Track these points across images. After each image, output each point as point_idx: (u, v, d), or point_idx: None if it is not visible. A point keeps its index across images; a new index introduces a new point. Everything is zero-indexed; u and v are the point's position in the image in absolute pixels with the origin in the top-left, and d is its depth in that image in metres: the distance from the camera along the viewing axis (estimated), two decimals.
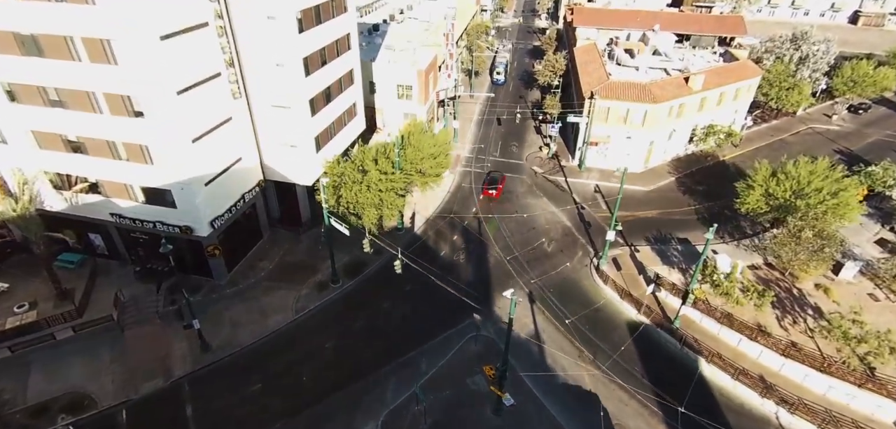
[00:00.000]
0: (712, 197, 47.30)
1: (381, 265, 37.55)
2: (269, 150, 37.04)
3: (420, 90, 52.25)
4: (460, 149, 55.35)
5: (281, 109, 34.73)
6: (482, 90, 73.40)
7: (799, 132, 62.69)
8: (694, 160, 54.04)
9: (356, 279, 36.67)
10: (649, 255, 39.72)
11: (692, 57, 60.60)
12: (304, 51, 33.71)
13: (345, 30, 39.56)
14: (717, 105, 53.44)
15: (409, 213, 44.10)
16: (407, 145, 41.04)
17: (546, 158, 54.04)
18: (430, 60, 54.47)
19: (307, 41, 33.81)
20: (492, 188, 46.38)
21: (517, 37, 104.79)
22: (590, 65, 55.74)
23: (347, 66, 41.14)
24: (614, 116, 48.82)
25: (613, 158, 51.33)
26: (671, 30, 63.64)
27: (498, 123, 62.63)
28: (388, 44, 59.37)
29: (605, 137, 50.48)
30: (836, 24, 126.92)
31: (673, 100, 48.25)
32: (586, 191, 48.48)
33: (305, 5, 32.76)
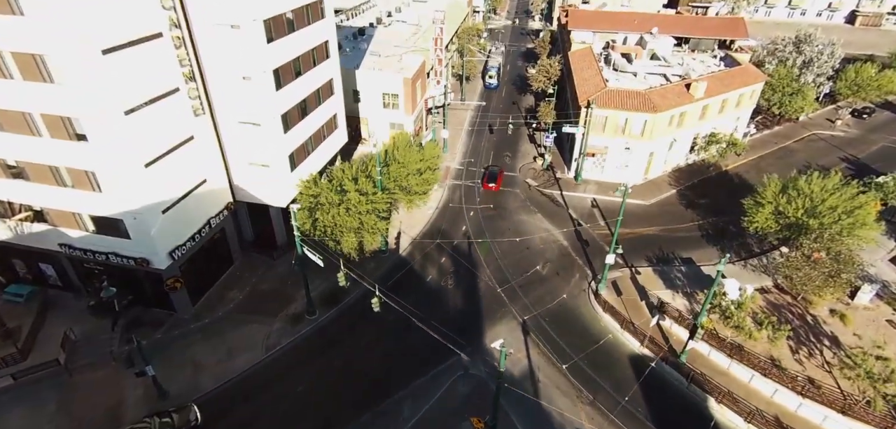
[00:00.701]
0: (716, 211, 44.67)
1: (362, 293, 34.54)
2: (239, 169, 34.00)
3: (407, 99, 49.33)
4: (450, 160, 52.45)
5: (250, 126, 31.68)
6: (474, 96, 70.58)
7: (803, 139, 60.25)
8: (696, 171, 51.43)
9: (334, 309, 33.70)
10: (651, 277, 36.99)
11: (692, 61, 57.97)
12: (275, 62, 30.70)
13: (322, 37, 36.58)
14: (719, 113, 50.86)
15: (394, 232, 41.18)
16: (391, 161, 38.13)
17: (541, 170, 51.26)
18: (418, 67, 51.56)
19: (277, 51, 30.79)
20: (492, 182, 46.96)
21: (510, 39, 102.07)
22: (585, 70, 53.00)
23: (326, 76, 38.15)
24: (612, 126, 46.09)
25: (611, 169, 48.62)
26: (670, 33, 61.04)
27: (490, 131, 59.79)
28: (373, 49, 56.42)
29: (602, 148, 47.73)
30: (833, 24, 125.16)
31: (674, 109, 45.58)
32: (583, 206, 45.71)
33: (274, 12, 29.75)
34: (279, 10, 30.20)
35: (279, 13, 30.39)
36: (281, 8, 30.32)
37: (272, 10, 29.47)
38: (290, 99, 33.08)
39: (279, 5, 30.10)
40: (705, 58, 59.76)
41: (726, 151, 49.47)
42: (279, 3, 30.08)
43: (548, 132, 49.49)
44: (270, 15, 29.41)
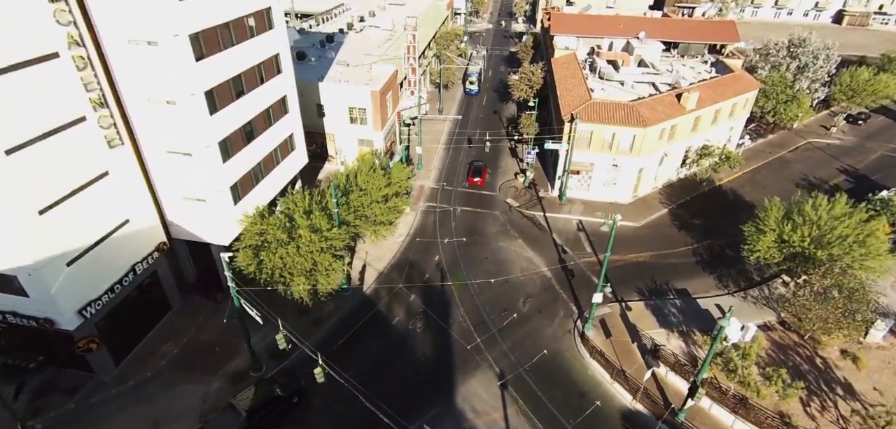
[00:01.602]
0: (711, 233, 41.21)
1: (320, 340, 30.40)
2: (173, 205, 29.54)
3: (376, 114, 45.14)
4: (424, 179, 48.35)
5: (182, 157, 27.26)
6: (453, 104, 66.57)
7: (798, 148, 57.26)
8: (688, 186, 47.96)
9: (286, 362, 29.39)
10: (643, 313, 33.29)
11: (682, 68, 54.60)
12: (207, 82, 26.35)
13: (271, 50, 32.25)
14: (711, 123, 47.45)
15: (358, 264, 36.99)
16: (352, 188, 33.94)
17: (522, 188, 47.39)
18: (389, 78, 47.39)
19: (210, 70, 26.44)
20: (477, 176, 47.13)
21: (493, 42, 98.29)
22: (569, 79, 49.26)
23: (277, 94, 33.83)
24: (598, 142, 42.37)
25: (598, 187, 44.92)
26: (657, 37, 57.63)
27: (469, 143, 55.79)
28: (342, 58, 52.14)
29: (587, 165, 44.00)
30: (820, 24, 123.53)
31: (664, 122, 42.00)
32: (568, 229, 41.92)
33: (203, 25, 25.39)
34: (210, 22, 25.83)
35: (211, 26, 26.00)
36: (212, 20, 25.95)
37: (200, 22, 25.10)
38: (229, 123, 28.71)
39: (209, 17, 25.74)
40: (695, 64, 56.47)
41: (720, 166, 46.01)
42: (209, 15, 25.72)
43: (529, 148, 45.62)
44: (198, 29, 25.04)
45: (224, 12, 26.94)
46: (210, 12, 25.82)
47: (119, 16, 23.13)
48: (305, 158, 39.61)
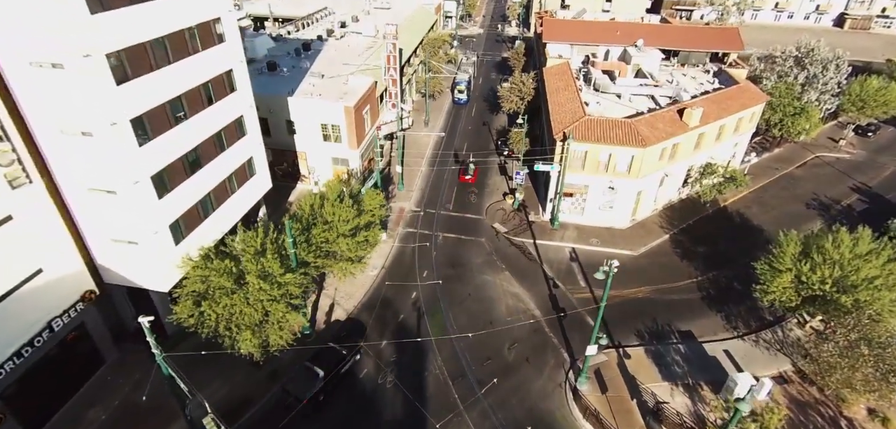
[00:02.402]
0: (717, 262, 37.58)
1: (276, 397, 26.57)
2: (103, 246, 25.61)
3: (351, 131, 41.30)
4: (405, 200, 44.52)
5: (106, 194, 23.36)
6: (440, 114, 62.78)
7: (806, 163, 53.74)
8: (690, 208, 44.28)
9: (236, 426, 25.49)
10: (643, 361, 29.58)
11: (682, 78, 51.00)
12: (133, 108, 22.48)
13: (221, 67, 28.40)
14: (715, 140, 43.78)
15: (325, 303, 33.13)
16: (316, 222, 30.08)
17: (511, 210, 43.61)
18: (366, 91, 43.57)
19: (138, 94, 22.57)
20: (467, 174, 47.32)
21: (485, 47, 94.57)
22: (562, 92, 45.53)
23: (231, 115, 29.96)
24: (593, 162, 38.65)
25: (593, 211, 41.18)
26: (656, 45, 53.98)
27: (455, 160, 52.01)
28: (318, 69, 48.32)
29: (581, 188, 40.28)
30: (821, 28, 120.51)
31: (665, 140, 38.30)
32: (560, 258, 38.17)
33: (126, 42, 21.50)
34: (135, 38, 21.95)
35: (137, 43, 22.11)
36: (138, 35, 22.06)
37: (121, 39, 21.23)
38: (166, 153, 24.84)
39: (135, 32, 21.86)
40: (697, 73, 52.87)
41: (725, 187, 42.34)
42: (134, 30, 21.83)
43: (518, 169, 41.81)
44: (119, 47, 21.15)
45: (155, 26, 23.07)
46: (135, 27, 21.95)
47: (15, 32, 19.21)
48: (268, 183, 35.73)
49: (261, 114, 40.74)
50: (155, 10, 22.86)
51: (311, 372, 25.97)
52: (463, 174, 47.64)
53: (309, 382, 25.67)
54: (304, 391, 25.19)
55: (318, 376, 25.89)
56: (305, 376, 25.95)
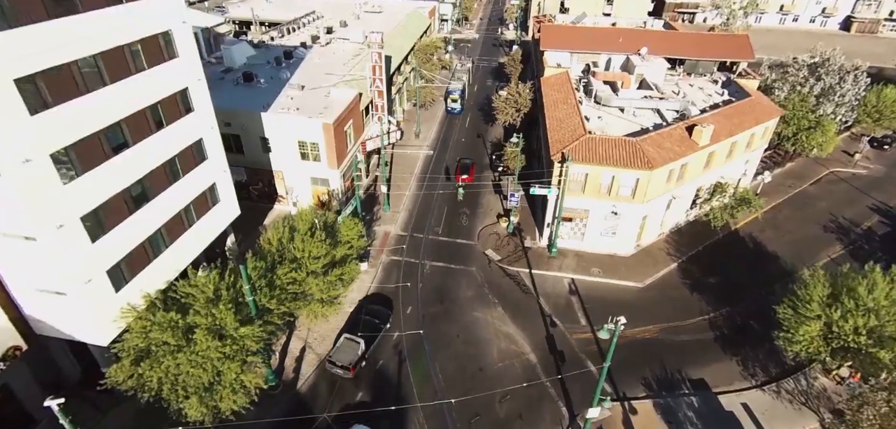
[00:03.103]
0: (731, 296, 34.26)
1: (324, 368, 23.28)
2: (31, 296, 22.19)
3: (330, 148, 37.91)
4: (390, 222, 41.12)
5: (25, 239, 19.94)
6: (433, 125, 59.37)
7: (820, 180, 50.43)
8: (699, 232, 40.92)
9: None
10: (651, 417, 26.28)
11: (689, 88, 47.69)
12: (54, 141, 19.11)
13: (173, 86, 25.00)
14: (726, 157, 40.44)
15: (296, 346, 29.74)
16: (285, 258, 26.67)
17: (505, 235, 40.23)
18: (349, 104, 40.20)
19: (59, 124, 19.20)
20: (465, 173, 46.62)
21: (481, 52, 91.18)
22: (561, 105, 42.16)
23: (187, 139, 26.57)
24: (594, 186, 35.28)
25: (594, 237, 37.83)
26: (661, 53, 50.61)
27: (446, 175, 48.65)
28: (298, 80, 44.94)
29: (581, 212, 36.93)
30: (827, 32, 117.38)
31: (673, 162, 34.94)
32: (558, 291, 34.81)
33: (41, 65, 18.08)
34: (53, 60, 18.53)
35: (57, 65, 18.70)
36: (56, 57, 18.64)
37: (34, 62, 17.80)
38: (100, 189, 21.46)
39: (51, 54, 18.45)
40: (704, 84, 49.54)
41: (738, 210, 38.95)
42: (51, 52, 18.42)
43: (513, 190, 38.38)
44: (31, 71, 17.73)
45: (83, 44, 19.67)
46: (55, 46, 18.55)
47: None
48: (236, 210, 32.35)
49: (233, 130, 37.67)
50: (82, 26, 19.46)
51: (353, 343, 28.21)
52: (460, 174, 46.72)
53: (352, 352, 27.81)
54: (349, 361, 27.36)
55: (360, 345, 28.07)
56: (348, 347, 28.12)
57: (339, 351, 28.11)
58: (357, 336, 28.52)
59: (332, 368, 27.58)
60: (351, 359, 27.47)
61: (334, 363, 27.52)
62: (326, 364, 27.91)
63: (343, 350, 28.14)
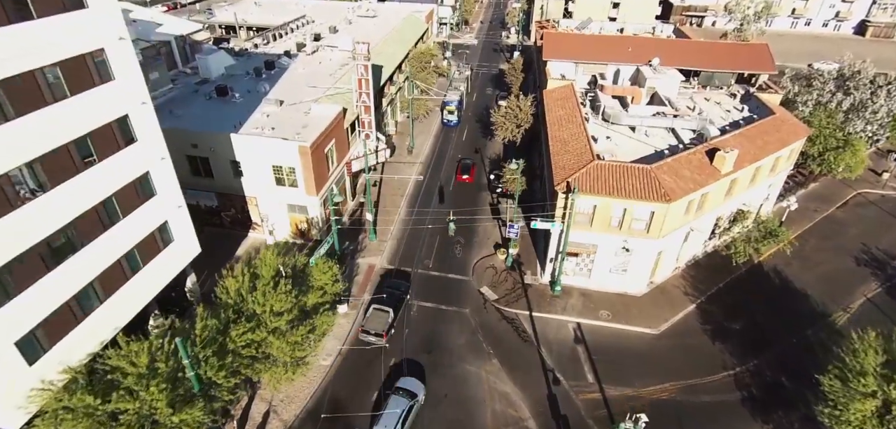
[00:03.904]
0: (757, 344, 30.26)
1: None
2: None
3: (307, 174, 33.98)
4: (376, 254, 37.16)
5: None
6: (427, 140, 55.40)
7: (847, 202, 46.31)
8: (718, 265, 36.85)
9: None
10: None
11: (704, 103, 43.67)
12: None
13: (106, 115, 21.10)
14: (749, 183, 36.36)
15: (259, 410, 25.79)
16: (241, 317, 22.74)
17: (503, 268, 36.24)
18: (331, 122, 36.30)
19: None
20: (465, 174, 46.74)
21: (480, 58, 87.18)
22: (565, 124, 38.16)
23: (127, 174, 22.66)
24: (604, 219, 31.25)
25: (602, 274, 33.82)
26: (674, 64, 46.55)
27: (440, 198, 44.67)
28: (277, 94, 41.12)
29: (588, 248, 32.91)
30: (841, 36, 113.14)
31: (693, 193, 30.87)
32: (562, 338, 30.80)
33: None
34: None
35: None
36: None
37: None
38: (3, 246, 17.48)
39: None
40: (722, 98, 45.47)
41: (763, 244, 34.80)
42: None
43: (512, 222, 34.31)
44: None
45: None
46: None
47: None
48: (195, 247, 28.46)
49: (200, 153, 33.86)
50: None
51: (383, 312, 29.66)
52: (461, 174, 46.77)
53: (383, 320, 29.27)
54: (381, 328, 28.81)
55: (389, 313, 29.63)
56: (379, 316, 29.52)
57: (371, 320, 29.41)
58: (384, 306, 29.88)
59: (365, 337, 28.98)
60: (383, 326, 28.92)
61: (368, 332, 28.94)
62: (360, 334, 29.23)
63: (374, 319, 29.44)
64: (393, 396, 24.70)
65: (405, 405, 24.04)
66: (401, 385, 25.78)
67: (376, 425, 23.44)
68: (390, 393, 25.03)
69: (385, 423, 23.28)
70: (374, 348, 29.04)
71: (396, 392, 24.98)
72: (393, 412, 23.52)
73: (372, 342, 28.78)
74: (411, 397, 24.83)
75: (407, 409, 23.96)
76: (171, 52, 46.67)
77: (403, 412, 23.69)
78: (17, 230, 17.90)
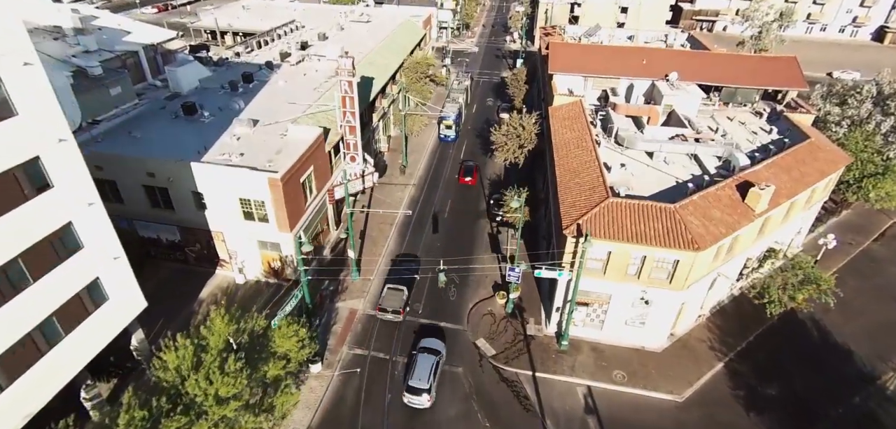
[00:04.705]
0: (798, 416, 25.98)
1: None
2: None
3: (279, 208, 29.70)
4: (358, 296, 32.86)
5: None
6: (422, 157, 51.15)
7: (884, 234, 41.89)
8: (746, 314, 32.46)
9: None
10: None
11: (728, 123, 39.32)
12: None
13: (12, 157, 16.80)
14: (783, 219, 31.94)
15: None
16: (178, 403, 18.46)
17: (503, 314, 31.90)
18: (308, 148, 32.09)
19: None
20: (468, 176, 46.41)
21: (482, 64, 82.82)
22: (574, 150, 33.83)
23: (40, 229, 18.39)
24: (620, 267, 26.87)
25: (616, 326, 29.45)
26: (694, 78, 42.12)
27: (433, 227, 40.35)
28: (253, 111, 36.91)
29: (601, 297, 28.53)
30: (858, 42, 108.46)
31: (724, 238, 26.45)
32: (570, 406, 26.46)
33: None
34: None
35: None
36: None
37: None
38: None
39: None
40: (746, 116, 41.07)
41: (801, 292, 30.20)
42: None
43: (513, 266, 29.87)
44: None
45: None
46: None
47: None
48: (139, 302, 24.13)
49: (158, 182, 29.65)
50: None
51: (398, 290, 31.07)
52: (463, 176, 46.39)
53: (399, 298, 30.61)
54: (398, 305, 30.24)
55: (404, 291, 31.13)
56: (394, 294, 30.83)
57: (387, 299, 30.66)
58: (398, 285, 31.47)
59: (383, 314, 30.34)
60: (400, 304, 30.30)
61: (386, 310, 30.21)
62: (378, 313, 30.40)
63: (390, 298, 30.71)
64: (420, 354, 27.07)
65: (433, 360, 26.70)
66: (425, 345, 27.98)
67: (411, 373, 26.13)
68: (417, 353, 27.37)
69: (419, 374, 25.91)
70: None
71: (422, 351, 27.30)
72: (425, 364, 26.31)
73: (390, 318, 30.28)
74: (436, 354, 27.36)
75: (435, 362, 26.64)
76: (140, 62, 42.42)
77: (433, 364, 26.42)
78: None
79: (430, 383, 25.60)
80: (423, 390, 25.31)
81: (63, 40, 38.76)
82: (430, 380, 25.73)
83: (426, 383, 25.53)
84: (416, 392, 25.33)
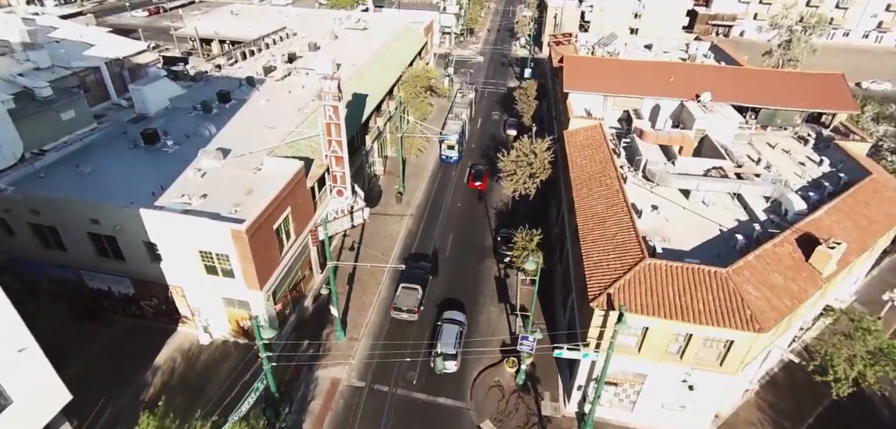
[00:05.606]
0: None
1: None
2: None
3: (246, 262, 24.77)
4: (344, 357, 27.93)
5: None
6: (421, 183, 46.19)
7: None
8: (800, 385, 27.40)
9: None
10: None
11: (769, 151, 34.32)
12: None
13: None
14: (845, 275, 26.78)
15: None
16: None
17: (513, 388, 26.87)
18: (283, 188, 27.17)
19: None
20: (478, 180, 44.89)
21: (487, 74, 77.77)
22: (596, 189, 28.81)
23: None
24: (658, 346, 21.81)
25: (648, 408, 24.38)
26: (727, 98, 37.04)
27: (433, 269, 35.29)
28: (226, 137, 32.20)
29: (634, 378, 23.49)
30: (883, 49, 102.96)
31: (789, 313, 21.33)
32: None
33: None
34: None
35: None
36: None
37: None
38: None
39: None
40: (789, 143, 36.03)
41: (871, 369, 24.99)
42: None
43: (526, 333, 24.77)
44: None
45: None
46: None
47: None
48: (61, 395, 19.23)
49: (103, 230, 24.83)
50: None
51: (412, 289, 30.85)
52: (473, 181, 44.93)
53: (413, 297, 30.55)
54: (413, 304, 30.19)
55: (418, 290, 30.90)
56: (409, 294, 30.65)
57: (401, 299, 30.40)
58: (411, 285, 30.92)
59: (398, 314, 30.18)
60: (414, 303, 30.11)
61: (400, 309, 30.05)
62: (393, 312, 30.29)
63: (404, 297, 30.46)
64: (445, 324, 28.37)
65: (458, 329, 28.12)
66: (448, 316, 29.09)
67: (438, 341, 27.21)
68: (442, 323, 28.58)
69: (445, 341, 27.30)
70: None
71: (446, 322, 28.53)
72: (451, 333, 27.79)
73: (404, 318, 30.09)
74: (460, 324, 28.66)
75: (459, 331, 28.09)
76: (102, 79, 37.61)
77: (458, 333, 27.92)
78: None
79: (456, 350, 27.08)
80: (451, 355, 26.68)
81: (11, 56, 33.94)
82: (457, 347, 27.26)
83: (454, 350, 26.96)
84: (449, 358, 26.62)
